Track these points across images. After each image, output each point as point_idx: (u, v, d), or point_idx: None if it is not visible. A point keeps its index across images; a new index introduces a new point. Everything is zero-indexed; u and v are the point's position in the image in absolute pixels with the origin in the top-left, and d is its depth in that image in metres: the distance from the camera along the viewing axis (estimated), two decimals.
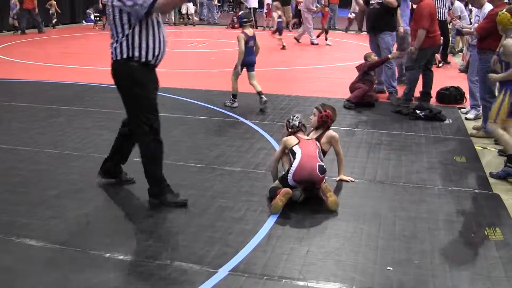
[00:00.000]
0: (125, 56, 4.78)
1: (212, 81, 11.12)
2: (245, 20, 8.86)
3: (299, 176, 5.06)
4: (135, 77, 4.82)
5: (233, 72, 8.80)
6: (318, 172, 5.08)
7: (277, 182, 5.28)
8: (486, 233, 4.59)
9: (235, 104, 8.80)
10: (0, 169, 5.94)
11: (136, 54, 4.77)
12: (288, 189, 4.99)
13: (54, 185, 5.46)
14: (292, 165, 5.12)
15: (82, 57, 15.08)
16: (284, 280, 3.82)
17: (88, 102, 9.13)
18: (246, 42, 8.60)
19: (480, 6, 8.05)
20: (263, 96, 8.62)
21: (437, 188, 5.60)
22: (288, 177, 5.10)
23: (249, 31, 8.72)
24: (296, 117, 5.55)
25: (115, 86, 4.95)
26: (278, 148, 5.73)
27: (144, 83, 4.87)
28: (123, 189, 5.42)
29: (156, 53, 4.86)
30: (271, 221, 4.74)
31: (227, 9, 35.61)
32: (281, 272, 3.91)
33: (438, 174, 5.99)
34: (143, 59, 4.80)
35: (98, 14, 23.96)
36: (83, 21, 26.26)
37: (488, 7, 7.75)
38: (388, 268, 4.00)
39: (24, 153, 6.47)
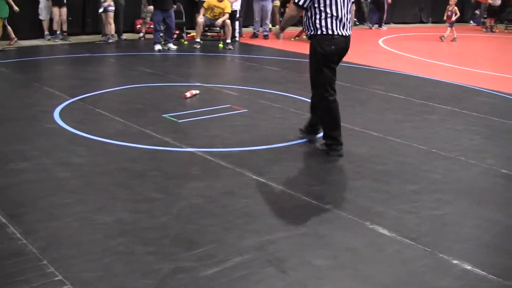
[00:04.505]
0: None
1: None
2: None
3: None
4: None
5: None
6: None
7: None
8: None
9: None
10: (368, 156, 6.18)
11: None
12: None
13: (415, 180, 5.45)
14: None
15: (462, 58, 14.83)
16: None
17: (463, 105, 8.89)
18: None
19: None
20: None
21: None
22: None
23: None
24: None
25: None
26: None
27: None
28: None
29: None
30: None
31: None
32: None
33: None
34: None
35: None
36: (470, 21, 25.77)
37: None
38: None
39: (393, 144, 6.62)
